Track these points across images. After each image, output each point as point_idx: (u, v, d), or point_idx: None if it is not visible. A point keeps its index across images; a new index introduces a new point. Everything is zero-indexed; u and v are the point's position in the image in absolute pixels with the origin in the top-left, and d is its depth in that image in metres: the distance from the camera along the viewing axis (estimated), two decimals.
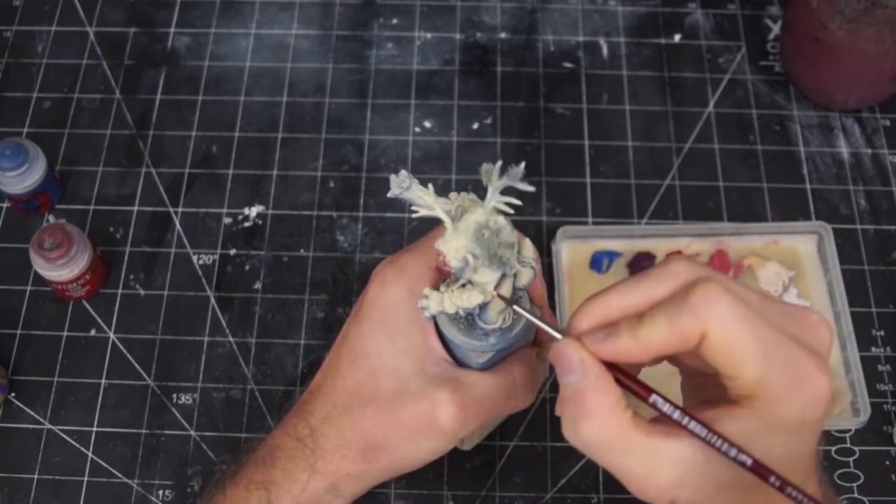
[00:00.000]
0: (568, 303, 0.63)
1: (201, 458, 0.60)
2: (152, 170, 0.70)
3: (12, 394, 0.62)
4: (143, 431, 0.61)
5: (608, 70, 0.74)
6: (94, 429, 0.61)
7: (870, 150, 0.70)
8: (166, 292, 0.65)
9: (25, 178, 0.64)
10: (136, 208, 0.69)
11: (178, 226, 0.68)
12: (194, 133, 0.72)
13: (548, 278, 0.65)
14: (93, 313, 0.65)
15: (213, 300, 0.65)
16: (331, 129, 0.72)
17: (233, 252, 0.67)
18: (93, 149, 0.71)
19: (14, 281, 0.66)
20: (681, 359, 0.36)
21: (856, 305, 0.63)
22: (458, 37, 0.76)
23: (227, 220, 0.68)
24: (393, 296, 0.43)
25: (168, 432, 0.61)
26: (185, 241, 0.67)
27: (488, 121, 0.72)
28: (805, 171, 0.70)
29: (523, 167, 0.37)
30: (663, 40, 0.75)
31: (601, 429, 0.33)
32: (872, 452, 0.59)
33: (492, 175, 0.38)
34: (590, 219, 0.68)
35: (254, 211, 0.68)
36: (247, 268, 0.66)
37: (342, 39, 0.76)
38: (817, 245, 0.65)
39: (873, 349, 0.63)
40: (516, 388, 0.44)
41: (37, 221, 0.68)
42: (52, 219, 0.68)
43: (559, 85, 0.74)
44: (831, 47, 0.65)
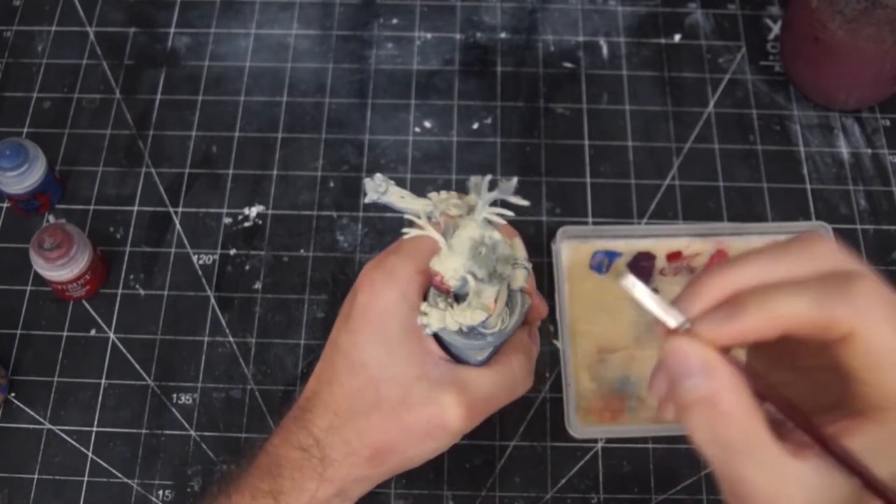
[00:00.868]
0: (568, 303, 0.63)
1: (201, 458, 0.60)
2: (152, 170, 0.70)
3: (12, 394, 0.62)
4: (143, 431, 0.61)
5: (608, 70, 0.74)
6: (94, 429, 0.61)
7: (870, 150, 0.70)
8: (166, 292, 0.65)
9: (25, 178, 0.64)
10: (136, 208, 0.69)
11: (178, 226, 0.68)
12: (194, 133, 0.72)
13: (548, 278, 0.65)
14: (93, 313, 0.65)
15: (213, 300, 0.65)
16: (331, 129, 0.72)
17: (233, 252, 0.67)
18: (93, 149, 0.71)
19: (14, 281, 0.66)
20: (795, 349, 0.33)
21: None
22: (458, 37, 0.76)
23: (227, 220, 0.68)
24: (385, 303, 0.42)
25: (168, 432, 0.61)
26: (185, 241, 0.67)
27: (488, 121, 0.72)
28: (805, 171, 0.70)
29: (516, 181, 0.36)
30: (663, 40, 0.76)
31: (738, 431, 0.30)
32: None
33: (481, 188, 0.37)
34: (590, 219, 0.68)
35: (254, 211, 0.68)
36: (247, 268, 0.66)
37: (342, 39, 0.76)
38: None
39: None
40: (516, 379, 0.44)
41: (37, 221, 0.68)
42: (52, 219, 0.68)
43: (559, 85, 0.74)
44: (831, 47, 0.65)
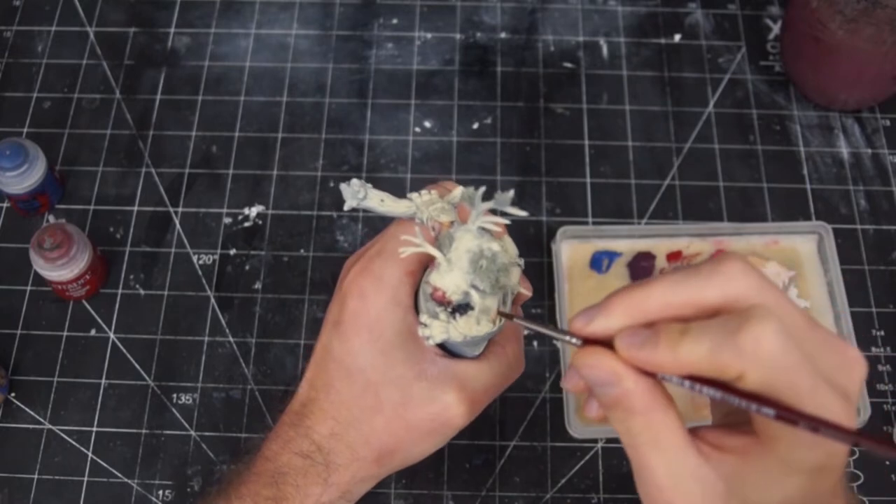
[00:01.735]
0: (568, 303, 0.63)
1: (201, 458, 0.60)
2: (152, 170, 0.70)
3: (12, 394, 0.62)
4: (143, 431, 0.61)
5: (608, 70, 0.74)
6: (94, 429, 0.61)
7: (870, 150, 0.70)
8: (166, 292, 0.65)
9: (25, 178, 0.64)
10: (136, 208, 0.69)
11: (178, 226, 0.68)
12: (194, 133, 0.72)
13: (548, 278, 0.65)
14: (93, 313, 0.65)
15: (213, 300, 0.65)
16: (331, 129, 0.72)
17: (233, 252, 0.67)
18: (93, 149, 0.71)
19: (14, 281, 0.66)
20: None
21: (856, 305, 0.63)
22: (458, 37, 0.76)
23: (227, 220, 0.68)
24: (377, 310, 0.42)
25: (168, 432, 0.61)
26: (185, 241, 0.67)
27: (488, 121, 0.72)
28: (805, 171, 0.70)
29: (512, 193, 0.36)
30: (663, 40, 0.75)
31: (643, 425, 0.32)
32: (872, 452, 0.59)
33: (474, 199, 0.37)
34: (590, 219, 0.68)
35: (254, 211, 0.68)
36: (247, 268, 0.66)
37: (342, 39, 0.76)
38: (817, 245, 0.65)
39: (873, 349, 0.63)
40: (511, 365, 0.44)
41: (37, 221, 0.68)
42: (52, 219, 0.68)
43: (559, 85, 0.74)
44: (831, 47, 0.65)
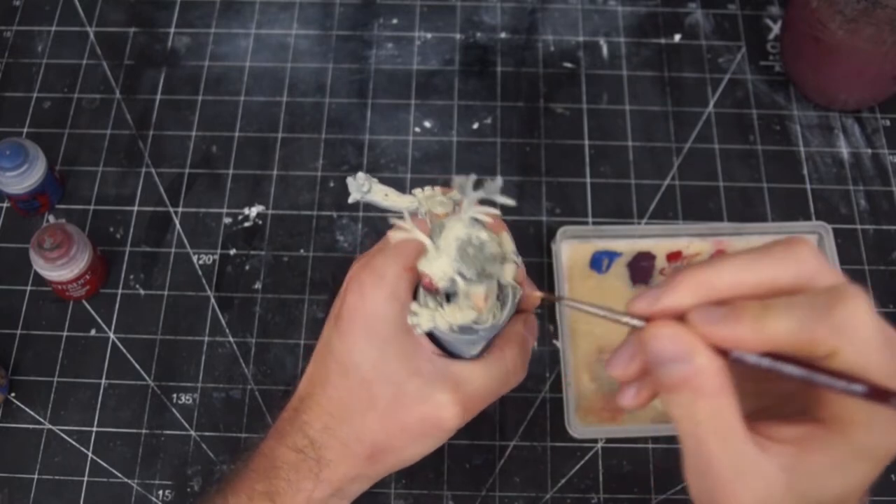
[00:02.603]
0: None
1: (201, 458, 0.60)
2: (152, 170, 0.70)
3: (12, 394, 0.62)
4: (143, 431, 0.61)
5: (608, 70, 0.74)
6: (94, 429, 0.61)
7: (870, 150, 0.70)
8: (166, 292, 0.65)
9: (25, 178, 0.64)
10: (136, 208, 0.69)
11: (178, 226, 0.68)
12: (194, 133, 0.72)
13: (548, 278, 0.65)
14: (93, 313, 0.65)
15: (213, 300, 0.65)
16: (331, 129, 0.72)
17: (233, 252, 0.67)
18: (93, 149, 0.71)
19: (14, 281, 0.66)
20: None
21: None
22: (458, 37, 0.76)
23: (227, 220, 0.68)
24: (375, 305, 0.42)
25: (168, 432, 0.61)
26: (185, 241, 0.67)
27: (488, 121, 0.72)
28: (805, 171, 0.70)
29: (500, 181, 0.36)
30: (663, 40, 0.76)
31: (713, 413, 0.31)
32: None
33: (466, 187, 0.37)
34: (590, 219, 0.68)
35: (254, 211, 0.68)
36: (247, 268, 0.66)
37: (342, 39, 0.76)
38: (817, 245, 0.65)
39: None
40: (509, 370, 0.44)
41: (37, 221, 0.68)
42: (52, 219, 0.68)
43: (559, 85, 0.74)
44: (831, 47, 0.65)
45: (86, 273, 0.63)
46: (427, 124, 0.72)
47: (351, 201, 0.39)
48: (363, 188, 0.38)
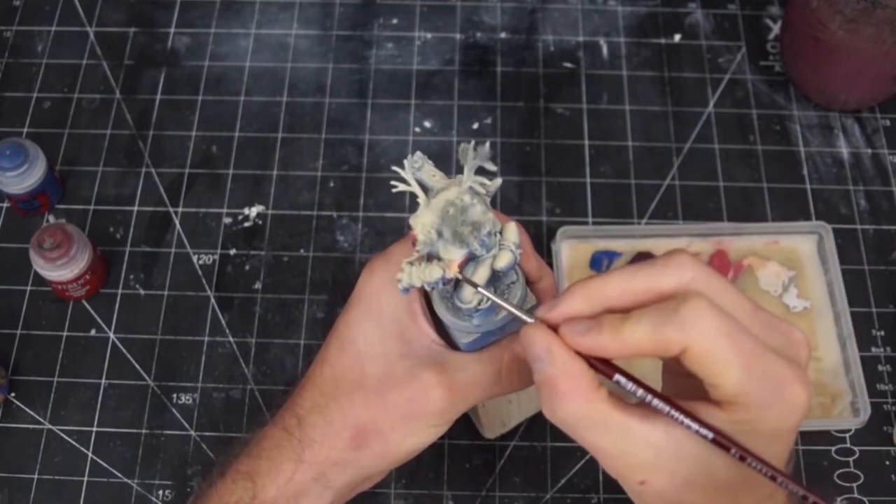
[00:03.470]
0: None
1: (201, 458, 0.60)
2: (152, 170, 0.70)
3: (12, 394, 0.62)
4: (143, 431, 0.61)
5: (608, 70, 0.74)
6: (94, 429, 0.61)
7: (870, 150, 0.70)
8: (166, 292, 0.65)
9: (25, 178, 0.64)
10: (136, 208, 0.69)
11: (178, 226, 0.68)
12: (194, 133, 0.72)
13: None
14: (93, 313, 0.65)
15: (213, 300, 0.65)
16: (331, 129, 0.72)
17: (233, 252, 0.67)
18: (93, 149, 0.71)
19: (14, 281, 0.66)
20: (665, 358, 0.37)
21: (856, 305, 0.63)
22: (458, 37, 0.76)
23: (227, 220, 0.68)
24: (380, 283, 0.43)
25: (168, 432, 0.61)
26: (185, 241, 0.67)
27: (488, 121, 0.72)
28: (805, 171, 0.70)
29: (488, 146, 0.39)
30: (663, 40, 0.75)
31: (574, 409, 0.34)
32: (872, 452, 0.59)
33: (467, 155, 0.39)
34: (590, 219, 0.68)
35: (254, 211, 0.68)
36: (247, 268, 0.66)
37: (342, 39, 0.76)
38: (817, 245, 0.65)
39: (873, 349, 0.63)
40: (501, 371, 0.44)
41: (37, 221, 0.68)
42: (52, 219, 0.68)
43: (559, 85, 0.74)
44: (831, 47, 0.65)
45: (86, 273, 0.63)
46: (427, 124, 0.72)
47: (403, 173, 0.40)
48: (415, 164, 0.40)
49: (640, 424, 0.34)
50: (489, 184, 0.40)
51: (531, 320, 0.36)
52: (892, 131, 0.71)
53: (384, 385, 0.42)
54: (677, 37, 0.76)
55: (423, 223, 0.39)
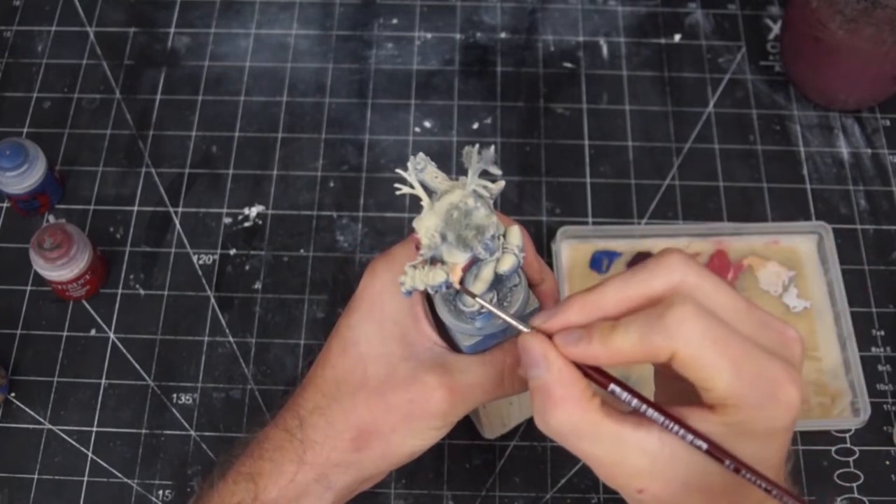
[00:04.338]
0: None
1: (201, 458, 0.60)
2: (152, 170, 0.70)
3: (12, 394, 0.62)
4: (143, 431, 0.61)
5: (608, 70, 0.74)
6: (94, 429, 0.61)
7: (870, 150, 0.70)
8: (166, 292, 0.65)
9: (25, 178, 0.64)
10: (136, 208, 0.69)
11: (178, 226, 0.68)
12: (194, 133, 0.72)
13: None
14: (93, 313, 0.65)
15: (213, 300, 0.65)
16: (331, 129, 0.72)
17: (233, 252, 0.67)
18: (93, 149, 0.71)
19: (14, 281, 0.66)
20: (656, 364, 0.37)
21: (856, 305, 0.63)
22: (458, 37, 0.76)
23: (227, 220, 0.68)
24: (383, 285, 0.43)
25: (168, 432, 0.61)
26: (185, 241, 0.67)
27: (488, 121, 0.72)
28: (805, 171, 0.70)
29: (493, 150, 0.38)
30: (663, 40, 0.76)
31: (568, 417, 0.34)
32: (872, 452, 0.59)
33: (471, 158, 0.39)
34: (590, 219, 0.68)
35: (254, 211, 0.68)
36: (247, 268, 0.66)
37: (342, 39, 0.76)
38: (817, 245, 0.65)
39: (873, 349, 0.63)
40: (503, 373, 0.44)
41: (37, 221, 0.68)
42: (52, 219, 0.68)
43: (559, 85, 0.74)
44: (831, 47, 0.65)
45: (86, 273, 0.63)
46: (427, 124, 0.72)
47: (405, 174, 0.40)
48: (418, 166, 0.40)
49: (634, 433, 0.34)
50: (493, 187, 0.40)
51: (528, 329, 0.36)
52: (892, 131, 0.71)
53: (386, 386, 0.42)
54: (677, 37, 0.76)
55: (426, 227, 0.39)
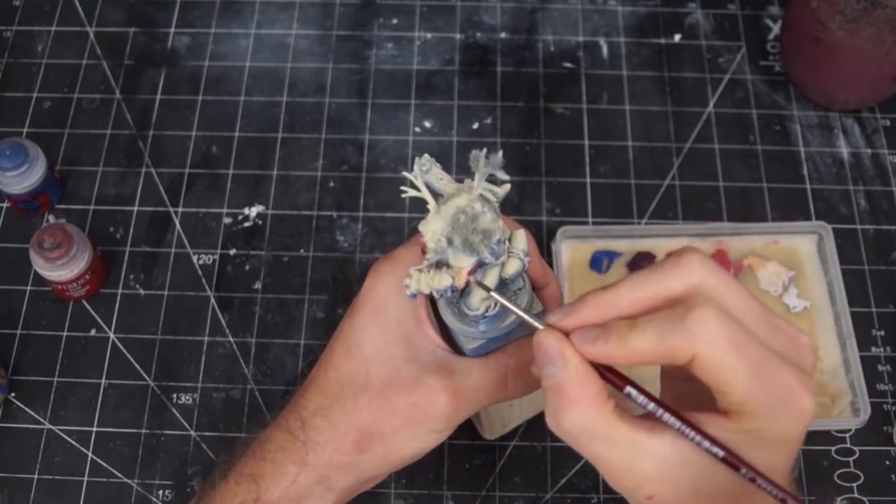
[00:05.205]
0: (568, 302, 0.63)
1: (201, 458, 0.60)
2: (152, 170, 0.70)
3: (12, 394, 0.62)
4: (143, 431, 0.61)
5: (608, 70, 0.74)
6: (94, 429, 0.61)
7: (870, 150, 0.70)
8: (166, 292, 0.65)
9: (25, 178, 0.64)
10: (136, 208, 0.69)
11: (178, 226, 0.68)
12: (194, 133, 0.72)
13: None
14: (93, 313, 0.65)
15: (213, 300, 0.65)
16: (331, 129, 0.72)
17: (233, 252, 0.67)
18: (93, 149, 0.71)
19: (14, 281, 0.66)
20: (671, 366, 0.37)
21: (856, 305, 0.63)
22: (458, 37, 0.76)
23: (227, 220, 0.68)
24: (387, 287, 0.43)
25: (168, 432, 0.61)
26: (185, 241, 0.67)
27: (488, 121, 0.72)
28: (805, 171, 0.70)
29: (501, 155, 0.38)
30: (663, 40, 0.75)
31: (581, 418, 0.34)
32: (872, 452, 0.59)
33: (479, 162, 0.39)
34: (590, 219, 0.68)
35: (254, 211, 0.68)
36: (247, 268, 0.66)
37: (342, 39, 0.76)
38: (817, 245, 0.65)
39: (873, 349, 0.63)
40: (507, 377, 0.44)
41: (37, 221, 0.68)
42: (52, 219, 0.68)
43: (559, 85, 0.74)
44: (831, 47, 0.65)
45: (86, 273, 0.63)
46: (427, 124, 0.72)
47: (411, 175, 0.40)
48: (424, 167, 0.39)
49: (647, 438, 0.34)
50: (499, 191, 0.39)
51: (543, 326, 0.36)
52: (892, 131, 0.71)
53: (389, 389, 0.42)
54: (677, 37, 0.76)
55: (433, 230, 0.39)
